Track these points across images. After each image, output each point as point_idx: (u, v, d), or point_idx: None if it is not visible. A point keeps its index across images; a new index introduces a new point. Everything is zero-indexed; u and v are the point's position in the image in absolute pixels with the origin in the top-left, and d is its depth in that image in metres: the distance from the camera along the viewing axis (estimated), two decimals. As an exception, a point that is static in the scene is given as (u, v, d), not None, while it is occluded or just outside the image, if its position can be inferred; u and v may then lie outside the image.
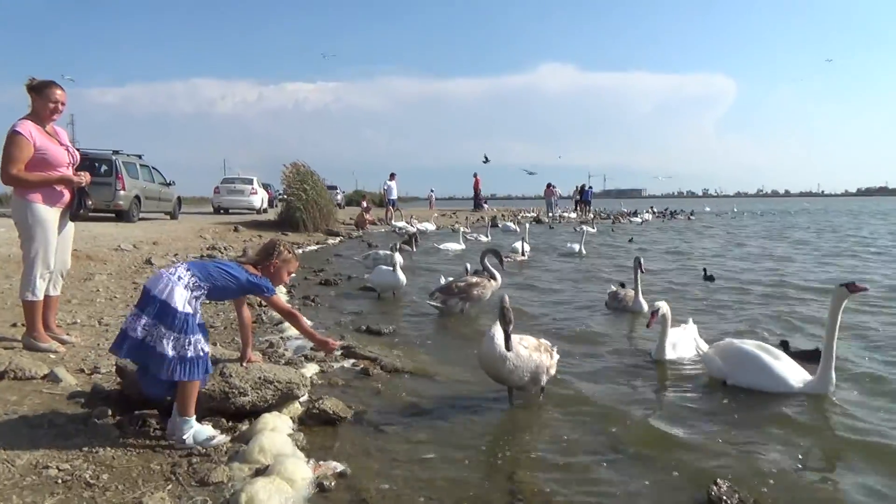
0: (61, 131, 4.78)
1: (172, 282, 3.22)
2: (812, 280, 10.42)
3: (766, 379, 4.38)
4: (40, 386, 3.96)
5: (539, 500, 2.94)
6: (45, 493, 2.74)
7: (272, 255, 3.60)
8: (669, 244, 19.15)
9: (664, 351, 5.26)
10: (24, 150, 4.36)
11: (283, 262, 3.63)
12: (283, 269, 3.65)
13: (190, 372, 3.20)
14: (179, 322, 3.16)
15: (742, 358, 4.51)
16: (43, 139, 4.47)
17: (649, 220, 35.14)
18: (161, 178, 20.67)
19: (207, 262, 3.51)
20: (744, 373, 4.48)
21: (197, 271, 3.34)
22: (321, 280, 10.18)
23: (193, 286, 3.27)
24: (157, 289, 3.20)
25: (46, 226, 4.53)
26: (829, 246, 17.70)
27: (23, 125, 4.40)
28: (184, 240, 13.94)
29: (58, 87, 4.53)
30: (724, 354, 4.65)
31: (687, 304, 8.04)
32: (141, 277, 8.53)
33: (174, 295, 3.18)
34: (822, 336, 4.25)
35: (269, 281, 3.55)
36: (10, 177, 4.39)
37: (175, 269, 3.32)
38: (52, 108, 4.50)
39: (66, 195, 4.64)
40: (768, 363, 4.39)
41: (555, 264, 13.58)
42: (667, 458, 3.41)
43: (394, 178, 28.12)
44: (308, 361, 5.11)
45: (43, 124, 4.53)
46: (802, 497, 3.01)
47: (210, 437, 3.35)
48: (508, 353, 3.93)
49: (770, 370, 4.36)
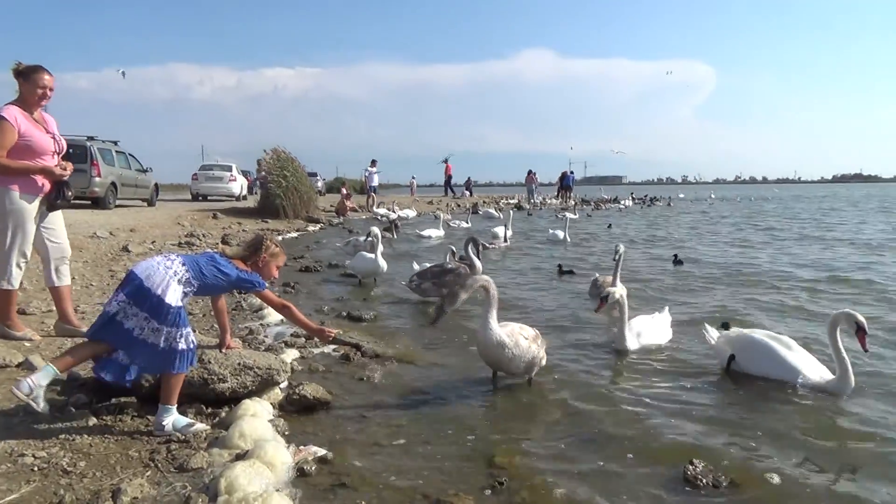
0: (49, 119, 4.65)
1: (169, 277, 3.18)
2: (780, 266, 10.58)
3: (777, 368, 4.34)
4: (15, 374, 3.90)
5: (519, 481, 2.97)
6: (21, 480, 2.71)
7: (259, 250, 3.57)
8: (647, 231, 19.32)
9: (625, 340, 5.16)
10: (8, 135, 4.24)
11: (271, 257, 3.61)
12: (271, 263, 3.62)
13: (180, 364, 3.20)
14: (172, 316, 3.14)
15: (754, 347, 4.47)
16: (28, 125, 4.35)
17: (629, 207, 35.40)
18: (138, 165, 20.36)
19: (199, 258, 3.45)
20: (755, 362, 4.45)
21: (191, 267, 3.31)
22: (301, 267, 10.12)
23: (186, 282, 3.25)
24: (153, 282, 3.14)
25: (23, 215, 4.43)
26: (791, 233, 17.85)
27: (8, 110, 4.29)
28: (161, 227, 13.77)
29: (45, 73, 4.40)
30: (735, 344, 4.61)
31: (660, 291, 8.16)
32: (118, 265, 8.42)
33: (169, 291, 3.15)
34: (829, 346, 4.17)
35: (258, 276, 3.54)
36: None
37: (171, 263, 3.26)
38: (39, 94, 4.39)
39: (45, 185, 4.53)
40: (781, 353, 4.36)
41: (539, 251, 13.63)
42: (644, 440, 3.46)
43: (375, 165, 28.00)
44: (288, 347, 5.09)
45: (30, 110, 4.42)
46: (789, 484, 3.05)
47: (189, 424, 3.33)
48: (507, 340, 4.00)
49: (783, 360, 4.33)
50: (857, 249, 13.26)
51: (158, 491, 2.74)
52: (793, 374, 4.28)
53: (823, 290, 8.23)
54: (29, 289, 6.36)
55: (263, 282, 3.57)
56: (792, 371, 4.29)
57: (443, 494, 2.80)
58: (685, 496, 2.86)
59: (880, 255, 12.24)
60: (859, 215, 26.83)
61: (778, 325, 6.02)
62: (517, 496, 2.84)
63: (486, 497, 2.83)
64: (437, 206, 31.33)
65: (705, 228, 20.40)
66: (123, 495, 2.61)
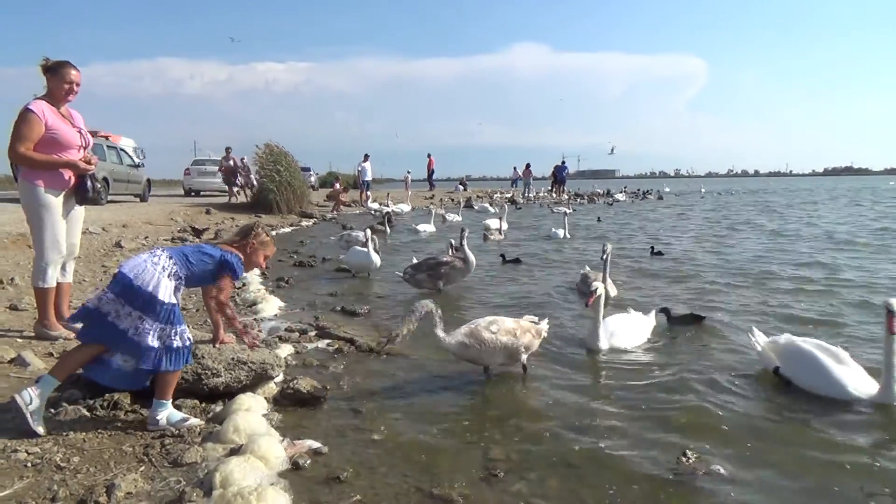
0: (76, 114, 4.68)
1: (158, 273, 3.16)
2: (756, 260, 10.63)
3: (823, 383, 3.99)
4: (7, 370, 3.89)
5: (514, 472, 2.98)
6: (14, 476, 2.71)
7: (249, 235, 3.56)
8: (635, 224, 19.31)
9: (598, 339, 4.98)
10: (35, 128, 4.29)
11: (260, 244, 3.59)
12: (259, 250, 3.61)
13: (175, 362, 3.20)
14: (165, 313, 3.13)
15: (801, 358, 4.16)
16: (55, 119, 4.38)
17: (622, 201, 35.44)
18: (130, 160, 20.24)
19: (185, 248, 3.44)
20: (800, 375, 4.14)
21: (178, 259, 3.29)
22: (295, 262, 10.13)
23: (174, 275, 3.24)
24: (143, 280, 3.12)
25: (52, 210, 4.44)
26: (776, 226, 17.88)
27: (36, 104, 4.34)
28: (154, 223, 13.71)
29: (72, 68, 4.43)
30: (782, 352, 4.31)
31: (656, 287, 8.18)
32: (110, 261, 8.39)
33: (160, 287, 3.14)
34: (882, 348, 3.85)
35: (240, 261, 3.52)
36: (18, 154, 4.30)
37: (158, 259, 3.24)
38: (66, 89, 4.42)
39: (71, 179, 4.53)
40: (828, 367, 4.00)
41: (534, 246, 13.52)
42: (639, 432, 3.48)
43: (367, 160, 27.90)
44: (282, 342, 5.09)
45: (57, 105, 4.46)
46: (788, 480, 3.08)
47: (184, 419, 3.34)
48: (465, 340, 4.14)
49: (829, 374, 3.97)
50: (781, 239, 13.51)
51: (153, 486, 2.74)
52: (840, 392, 3.91)
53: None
54: (21, 285, 6.32)
55: (241, 271, 3.51)
56: (839, 388, 3.92)
57: (438, 487, 2.81)
58: (679, 485, 2.88)
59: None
60: (822, 207, 26.77)
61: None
62: (512, 488, 2.85)
63: (481, 489, 2.83)
64: (430, 200, 31.32)
65: (681, 221, 20.39)
66: (118, 490, 2.61)
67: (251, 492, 2.56)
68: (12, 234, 8.96)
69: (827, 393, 3.96)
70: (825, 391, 3.97)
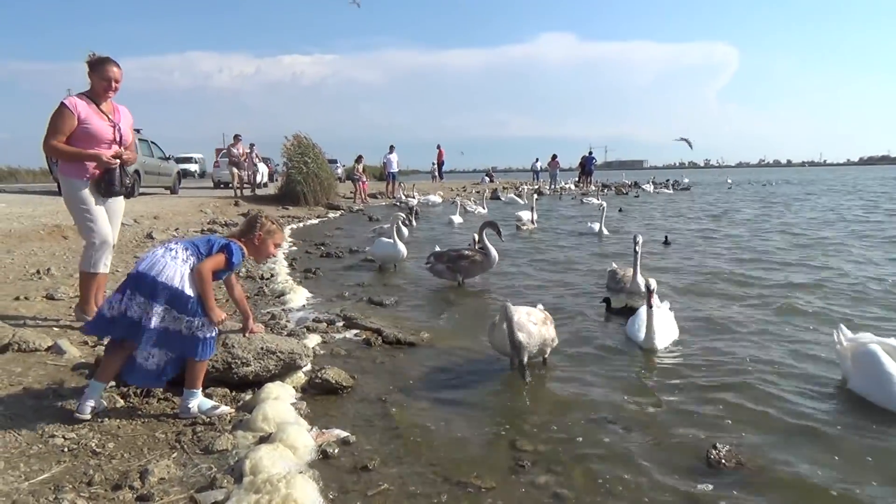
0: (124, 110, 4.75)
1: (179, 266, 3.19)
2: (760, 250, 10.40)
3: (881, 393, 3.58)
4: (44, 358, 3.98)
5: (541, 464, 2.97)
6: (52, 461, 2.78)
7: (255, 227, 3.53)
8: (658, 215, 19.01)
9: (654, 338, 4.74)
10: (67, 121, 4.38)
11: (267, 234, 3.55)
12: (268, 240, 3.56)
13: (203, 351, 3.24)
14: (193, 305, 3.17)
15: (863, 360, 3.72)
16: (89, 113, 4.45)
17: (650, 192, 34.96)
18: (160, 153, 20.56)
19: (195, 240, 3.44)
20: (864, 380, 3.73)
21: (193, 251, 3.30)
22: (323, 253, 10.21)
23: (193, 266, 3.26)
24: (167, 276, 3.14)
25: (86, 200, 4.57)
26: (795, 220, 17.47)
27: (70, 99, 4.43)
28: (184, 214, 13.93)
29: (113, 65, 4.50)
30: (854, 353, 3.87)
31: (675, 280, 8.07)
32: (142, 252, 8.54)
33: (186, 280, 3.17)
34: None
35: (242, 250, 3.44)
36: (48, 146, 4.44)
37: (176, 253, 3.25)
38: (105, 86, 4.49)
39: (94, 171, 4.60)
40: (891, 374, 3.55)
41: (565, 240, 13.25)
42: (665, 424, 3.45)
43: (393, 151, 27.95)
44: (310, 332, 5.13)
45: (97, 101, 4.53)
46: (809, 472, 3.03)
47: (214, 407, 3.39)
48: (521, 334, 3.96)
49: (889, 384, 3.53)
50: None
51: (185, 472, 2.79)
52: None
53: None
54: (56, 275, 6.48)
55: (238, 258, 3.43)
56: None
57: (465, 477, 2.82)
58: (708, 478, 2.84)
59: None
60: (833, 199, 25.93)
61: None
62: (539, 478, 2.84)
63: (508, 480, 2.83)
64: (457, 191, 31.29)
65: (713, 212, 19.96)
66: (151, 476, 2.67)
67: (280, 479, 2.60)
68: (48, 226, 9.18)
69: (885, 406, 3.53)
70: (884, 404, 3.54)
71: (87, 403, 3.17)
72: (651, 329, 4.76)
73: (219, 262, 3.34)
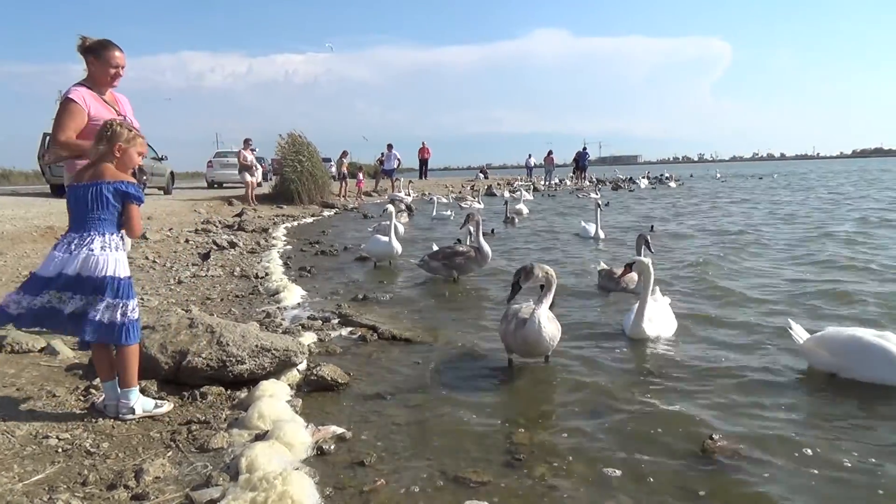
0: (124, 99, 4.34)
1: (107, 255, 3.06)
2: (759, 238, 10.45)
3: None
4: (38, 359, 3.97)
5: (538, 456, 2.97)
6: (46, 461, 2.76)
7: (112, 139, 3.15)
8: (643, 208, 19.09)
9: (642, 326, 4.78)
10: (77, 117, 3.94)
11: (127, 143, 3.19)
12: (131, 150, 3.23)
13: (127, 336, 3.06)
14: (124, 288, 3.06)
15: (862, 350, 3.83)
16: (98, 107, 4.03)
17: (642, 187, 35.02)
18: (153, 153, 20.48)
19: (94, 212, 3.10)
20: (867, 367, 3.81)
21: (105, 227, 3.12)
22: (317, 251, 10.19)
23: (116, 244, 3.12)
24: (93, 269, 3.00)
25: None
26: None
27: (76, 92, 3.97)
28: (178, 214, 13.88)
29: (117, 49, 4.03)
30: (834, 346, 3.97)
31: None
32: (136, 252, 8.50)
33: (118, 266, 3.06)
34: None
35: (130, 184, 3.18)
36: (60, 143, 3.99)
37: (92, 240, 3.05)
38: (112, 73, 4.05)
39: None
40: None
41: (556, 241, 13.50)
42: (663, 417, 3.44)
43: (391, 149, 27.92)
44: (306, 330, 5.12)
45: (100, 91, 4.10)
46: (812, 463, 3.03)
47: (158, 405, 3.35)
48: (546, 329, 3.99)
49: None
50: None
51: (180, 470, 2.78)
52: None
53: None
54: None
55: (141, 195, 3.23)
56: None
57: (461, 471, 2.81)
58: (705, 468, 2.85)
59: None
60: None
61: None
62: (535, 472, 2.84)
63: (504, 474, 2.83)
64: (450, 188, 31.26)
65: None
66: (146, 475, 2.66)
67: (276, 476, 2.58)
68: (41, 228, 9.14)
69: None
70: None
71: (121, 402, 3.21)
72: (641, 315, 4.78)
73: (137, 214, 3.19)
